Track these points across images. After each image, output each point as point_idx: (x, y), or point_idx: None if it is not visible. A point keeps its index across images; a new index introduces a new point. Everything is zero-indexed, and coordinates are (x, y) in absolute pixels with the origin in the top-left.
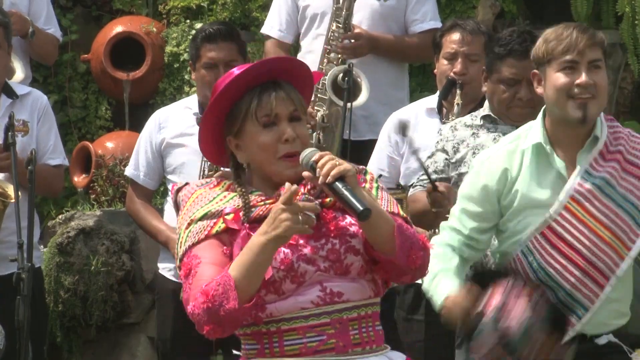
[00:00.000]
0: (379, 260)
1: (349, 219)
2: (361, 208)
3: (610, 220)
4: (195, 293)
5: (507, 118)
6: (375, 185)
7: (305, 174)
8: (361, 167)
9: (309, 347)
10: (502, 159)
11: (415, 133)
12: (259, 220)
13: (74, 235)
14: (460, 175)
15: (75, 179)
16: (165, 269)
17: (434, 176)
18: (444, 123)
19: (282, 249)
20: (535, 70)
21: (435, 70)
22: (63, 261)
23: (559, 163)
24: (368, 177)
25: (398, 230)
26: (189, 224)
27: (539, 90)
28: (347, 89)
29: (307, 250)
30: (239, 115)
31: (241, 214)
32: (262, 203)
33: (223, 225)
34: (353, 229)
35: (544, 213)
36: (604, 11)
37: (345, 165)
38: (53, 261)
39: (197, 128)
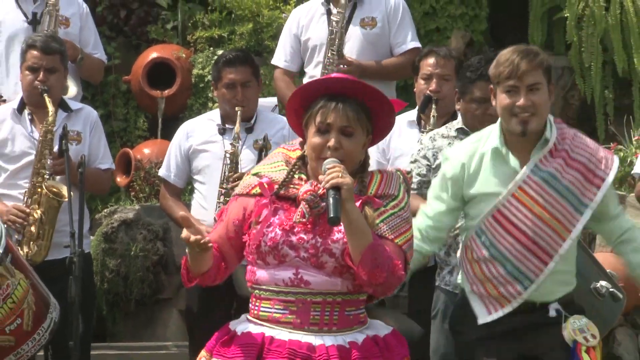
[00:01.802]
0: (351, 265)
1: (341, 227)
2: (331, 215)
3: (553, 207)
4: None
5: (477, 131)
6: (392, 211)
7: (321, 177)
8: (392, 193)
9: (274, 316)
10: (463, 157)
11: (398, 140)
12: (284, 197)
13: (117, 226)
14: None
15: (118, 179)
16: None
17: (417, 179)
18: (422, 132)
19: (276, 230)
20: (491, 86)
21: (415, 89)
22: (108, 247)
23: (514, 162)
24: (391, 204)
25: (369, 248)
26: (249, 174)
27: (494, 103)
28: None
29: (294, 239)
30: (308, 112)
31: (276, 186)
32: (292, 186)
33: (259, 190)
34: (338, 235)
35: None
36: (555, 40)
37: (346, 180)
38: (99, 247)
39: (218, 136)
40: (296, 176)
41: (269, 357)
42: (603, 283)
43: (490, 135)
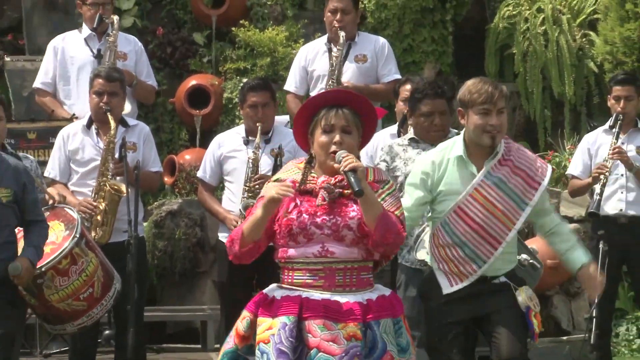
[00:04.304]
0: (367, 233)
1: (354, 207)
2: (357, 189)
3: (501, 205)
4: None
5: (426, 139)
6: (388, 192)
7: (336, 165)
8: (385, 179)
9: (306, 282)
10: (433, 158)
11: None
12: (306, 192)
13: (164, 215)
14: (395, 178)
15: (165, 179)
16: (223, 237)
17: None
18: None
19: (304, 215)
20: (460, 109)
21: (396, 109)
22: (157, 232)
23: (472, 167)
24: (386, 187)
25: (381, 216)
26: (270, 181)
27: (463, 121)
28: None
29: (319, 220)
30: (312, 122)
31: (296, 184)
32: (309, 182)
33: None
34: (353, 214)
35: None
36: (506, 70)
37: (359, 163)
38: (151, 232)
39: (243, 146)
40: (310, 175)
41: (308, 312)
42: (524, 256)
43: (454, 146)
